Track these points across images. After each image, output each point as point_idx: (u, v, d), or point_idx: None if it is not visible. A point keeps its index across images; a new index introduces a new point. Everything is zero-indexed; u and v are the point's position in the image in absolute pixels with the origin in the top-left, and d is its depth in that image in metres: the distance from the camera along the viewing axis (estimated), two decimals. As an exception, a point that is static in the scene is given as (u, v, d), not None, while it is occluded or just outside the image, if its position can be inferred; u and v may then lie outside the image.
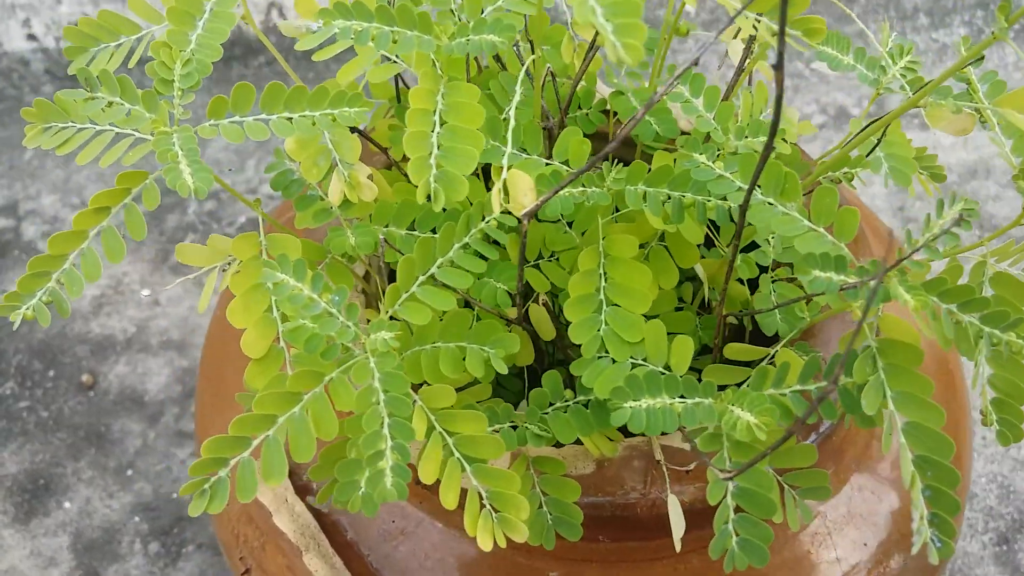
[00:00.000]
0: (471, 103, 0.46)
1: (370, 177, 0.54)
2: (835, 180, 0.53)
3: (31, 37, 1.43)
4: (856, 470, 0.64)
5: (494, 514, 0.47)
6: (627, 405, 0.46)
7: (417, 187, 0.44)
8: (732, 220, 0.49)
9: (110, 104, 0.46)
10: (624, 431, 0.59)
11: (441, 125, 0.46)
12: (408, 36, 0.47)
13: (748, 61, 0.57)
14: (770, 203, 0.47)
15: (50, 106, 0.52)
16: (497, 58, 0.61)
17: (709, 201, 0.50)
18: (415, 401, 0.48)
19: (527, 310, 0.58)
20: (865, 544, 0.63)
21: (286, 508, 0.61)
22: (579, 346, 0.51)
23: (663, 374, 0.46)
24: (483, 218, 0.49)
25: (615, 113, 0.60)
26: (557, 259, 0.59)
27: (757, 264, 0.59)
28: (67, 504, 1.19)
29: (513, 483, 0.47)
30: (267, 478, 0.44)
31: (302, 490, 0.64)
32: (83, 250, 0.47)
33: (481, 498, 0.48)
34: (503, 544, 0.47)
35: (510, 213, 0.46)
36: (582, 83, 0.59)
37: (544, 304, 0.55)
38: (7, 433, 1.22)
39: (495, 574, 0.60)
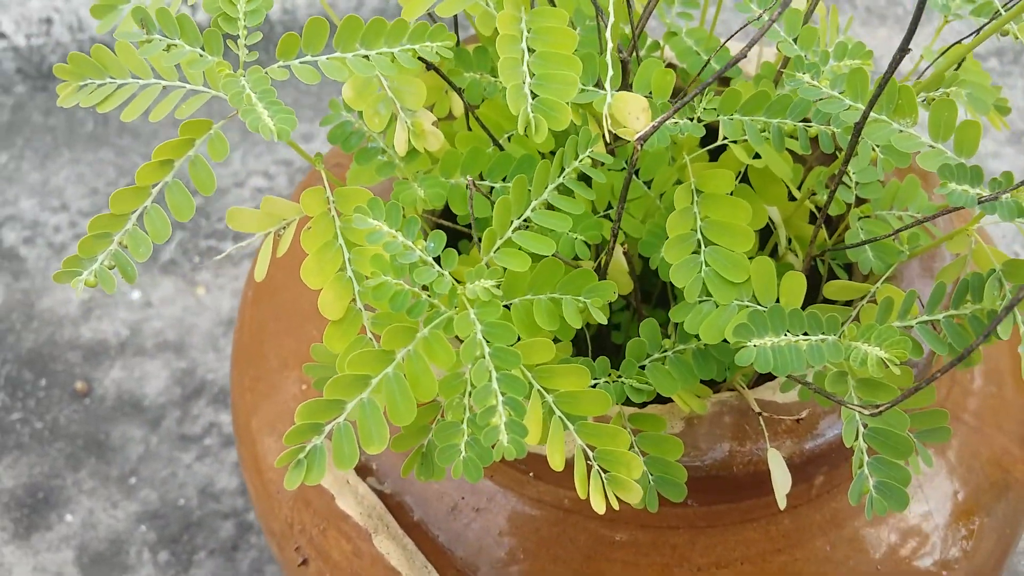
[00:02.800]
0: (561, 27, 0.42)
1: (435, 124, 0.50)
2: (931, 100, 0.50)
3: (0, 35, 1.37)
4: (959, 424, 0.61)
5: (603, 474, 0.44)
6: (751, 344, 0.42)
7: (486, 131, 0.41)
8: (837, 149, 0.46)
9: (169, 47, 0.42)
10: (710, 384, 0.55)
11: (531, 52, 0.42)
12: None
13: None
14: (884, 120, 0.44)
15: (86, 60, 0.48)
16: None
17: (811, 126, 0.47)
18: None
19: (603, 264, 0.54)
20: (956, 495, 0.60)
21: (349, 490, 0.57)
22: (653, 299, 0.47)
23: (788, 312, 0.43)
24: (576, 156, 0.45)
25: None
26: (628, 210, 0.55)
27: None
28: (69, 517, 1.14)
29: (622, 440, 0.44)
30: (366, 444, 0.40)
31: (362, 471, 0.59)
32: (147, 208, 0.42)
33: (588, 458, 0.44)
34: (616, 505, 0.43)
35: (610, 145, 0.42)
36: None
37: (625, 252, 0.51)
38: (1, 447, 1.16)
39: (576, 547, 0.56)
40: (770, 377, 0.56)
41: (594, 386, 0.47)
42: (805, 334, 0.43)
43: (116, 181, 1.40)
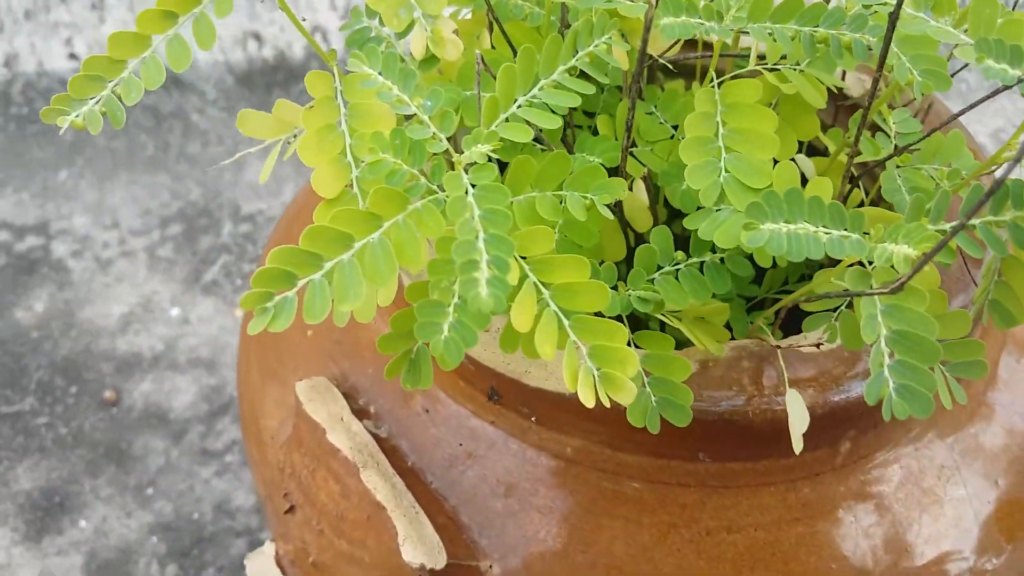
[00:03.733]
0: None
1: (456, 32, 0.49)
2: None
3: (72, 56, 1.41)
4: (984, 400, 0.56)
5: (596, 371, 0.40)
6: (765, 226, 0.39)
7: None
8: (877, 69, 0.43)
9: None
10: (730, 329, 0.52)
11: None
12: None
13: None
14: (921, 17, 0.41)
15: None
16: None
17: (844, 35, 0.44)
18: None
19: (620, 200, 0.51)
20: (998, 482, 0.54)
21: (342, 426, 0.54)
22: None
23: (808, 198, 0.40)
24: (592, 40, 0.43)
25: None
26: (652, 150, 0.53)
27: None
28: (83, 523, 1.11)
29: (618, 335, 0.40)
30: (340, 302, 0.38)
31: (359, 413, 0.56)
32: (145, 58, 0.41)
33: (581, 353, 0.41)
34: (607, 403, 0.40)
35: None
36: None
37: (645, 181, 0.49)
38: (23, 449, 1.15)
39: (577, 499, 0.52)
40: (797, 331, 0.52)
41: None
42: (826, 228, 0.40)
43: (169, 204, 1.41)
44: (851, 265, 0.42)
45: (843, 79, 0.63)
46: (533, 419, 0.53)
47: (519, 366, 0.51)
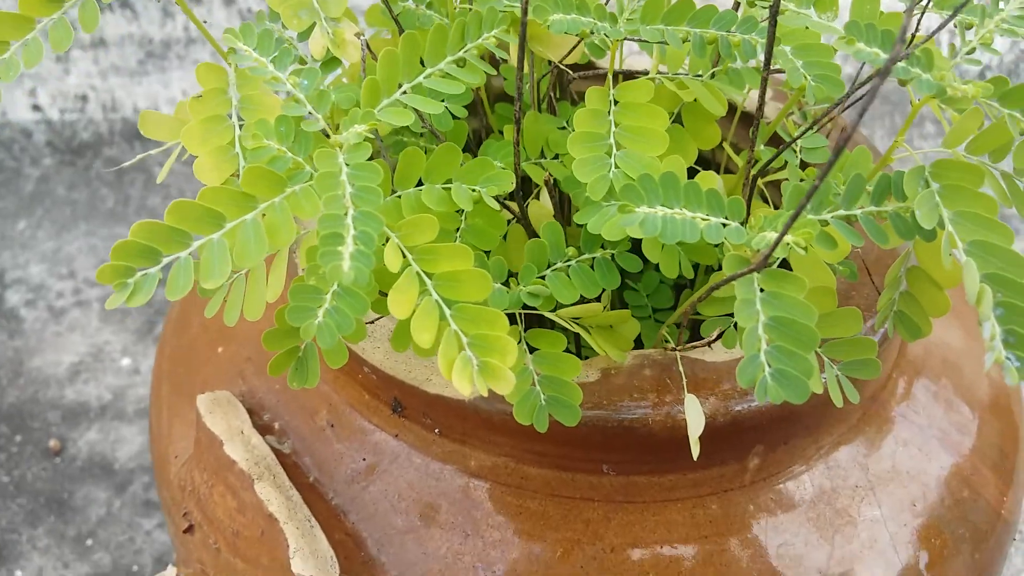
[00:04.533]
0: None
1: (358, 35, 0.49)
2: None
3: (36, 108, 1.42)
4: (901, 422, 0.55)
5: (475, 360, 0.39)
6: (640, 210, 0.38)
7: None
8: (764, 68, 0.43)
9: None
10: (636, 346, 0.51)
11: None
12: None
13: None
14: (804, 13, 0.41)
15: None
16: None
17: (734, 36, 0.44)
18: (388, 238, 0.41)
19: (526, 207, 0.51)
20: (914, 505, 0.53)
21: (241, 439, 0.53)
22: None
23: (683, 183, 0.39)
24: (481, 33, 0.43)
25: None
26: (560, 160, 0.53)
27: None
28: (18, 573, 1.08)
29: (498, 324, 0.39)
30: (204, 279, 0.37)
31: (262, 429, 0.55)
32: (27, 41, 0.41)
33: (461, 344, 0.40)
34: (484, 392, 0.39)
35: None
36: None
37: (548, 186, 0.49)
38: (-44, 492, 1.12)
39: (480, 514, 0.50)
40: (700, 339, 0.51)
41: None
42: (704, 216, 0.39)
43: (126, 254, 1.40)
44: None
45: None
46: (436, 431, 0.51)
47: (421, 373, 0.50)
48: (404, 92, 0.42)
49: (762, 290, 0.39)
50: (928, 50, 0.38)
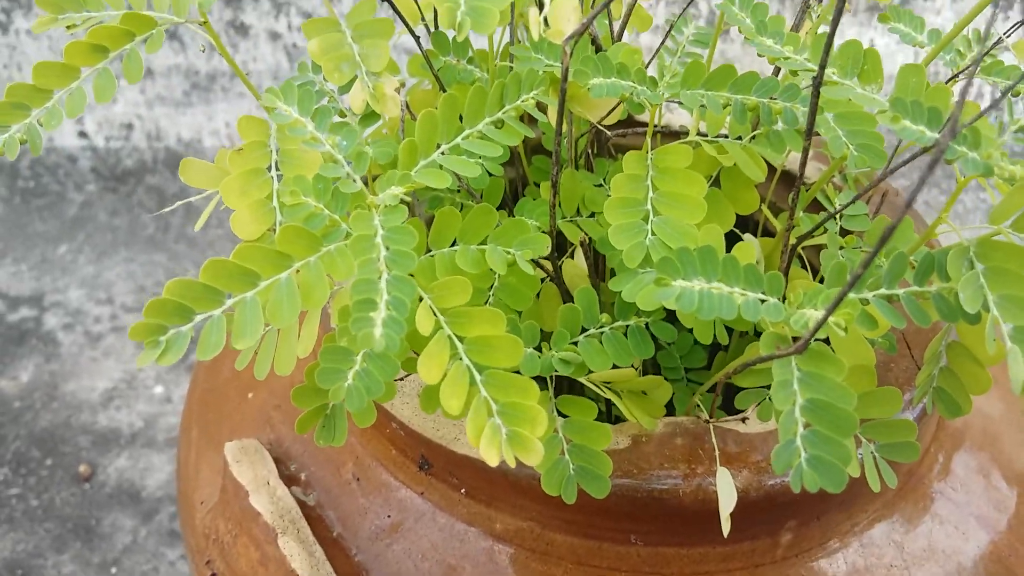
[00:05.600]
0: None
1: (397, 90, 0.49)
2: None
3: (82, 134, 1.44)
4: (939, 499, 0.54)
5: (504, 429, 0.38)
6: (676, 283, 0.38)
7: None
8: (806, 138, 0.43)
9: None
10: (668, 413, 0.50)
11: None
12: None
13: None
14: (848, 84, 0.41)
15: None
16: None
17: (776, 102, 0.44)
18: (421, 298, 0.40)
19: (560, 266, 0.51)
20: (953, 587, 0.51)
21: (267, 490, 0.52)
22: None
23: (722, 258, 0.38)
24: (519, 95, 0.43)
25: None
26: (596, 218, 0.52)
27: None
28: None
29: (530, 393, 0.39)
30: (236, 341, 0.37)
31: (288, 480, 0.55)
32: (71, 89, 0.41)
33: (491, 411, 0.39)
34: (512, 463, 0.38)
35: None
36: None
37: (584, 245, 0.48)
38: (-11, 519, 1.13)
39: (504, 578, 0.49)
40: (735, 411, 0.50)
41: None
42: (743, 290, 0.39)
43: (164, 283, 1.42)
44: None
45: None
46: (463, 491, 0.51)
47: (449, 432, 0.49)
48: (442, 153, 0.41)
49: (800, 370, 0.38)
50: (976, 128, 0.38)
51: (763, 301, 0.38)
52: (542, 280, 0.51)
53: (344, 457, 0.54)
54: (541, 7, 0.43)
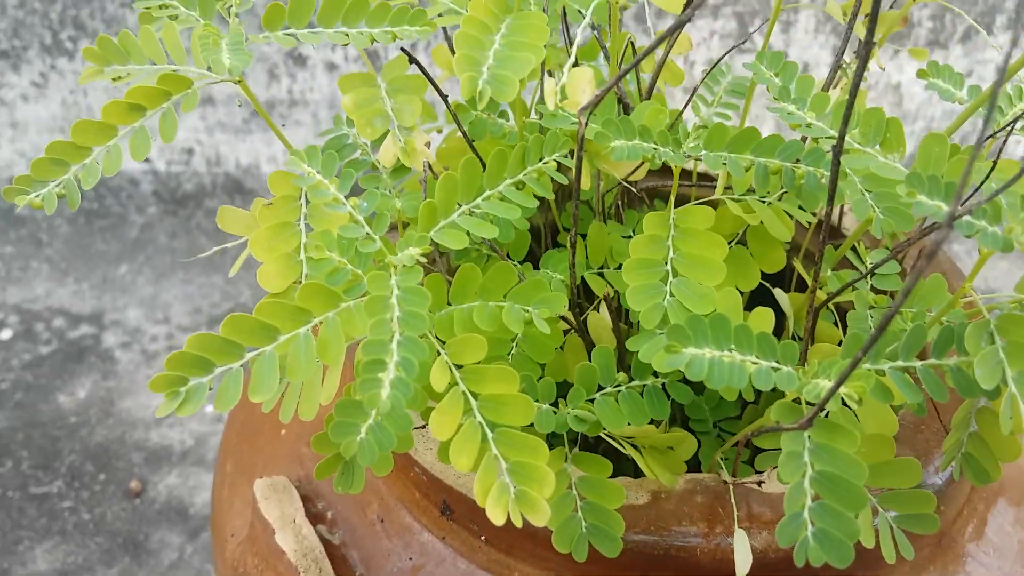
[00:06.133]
0: (538, 24, 0.42)
1: (427, 145, 0.50)
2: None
3: (145, 159, 1.48)
4: (970, 563, 0.53)
5: (512, 488, 0.39)
6: (687, 351, 0.38)
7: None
8: (828, 203, 0.43)
9: (162, 6, 0.44)
10: (691, 465, 0.50)
11: (501, 43, 0.42)
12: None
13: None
14: (869, 152, 0.41)
15: (112, 45, 0.50)
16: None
17: (799, 167, 0.44)
18: (439, 353, 0.41)
19: (584, 319, 0.51)
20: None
21: (292, 528, 0.53)
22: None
23: (735, 325, 0.39)
24: (541, 157, 0.43)
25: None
26: (622, 270, 0.52)
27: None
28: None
29: (540, 453, 0.39)
30: (253, 394, 0.38)
31: (314, 518, 0.56)
32: (109, 147, 0.43)
33: (501, 470, 0.40)
34: (518, 523, 0.38)
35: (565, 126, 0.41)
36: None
37: (608, 304, 0.48)
38: (45, 531, 1.16)
39: (520, 628, 0.50)
40: (756, 471, 0.50)
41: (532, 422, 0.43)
42: (756, 358, 0.39)
43: (219, 304, 1.45)
44: (796, 400, 0.41)
45: (840, 218, 0.62)
46: (483, 538, 0.51)
47: (470, 480, 0.50)
48: (461, 214, 0.42)
49: (811, 440, 0.38)
50: (996, 203, 0.37)
51: (776, 370, 0.38)
52: (568, 332, 0.52)
53: (369, 498, 0.55)
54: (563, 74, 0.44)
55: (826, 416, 0.37)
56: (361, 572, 0.53)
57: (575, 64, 0.44)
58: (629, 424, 0.43)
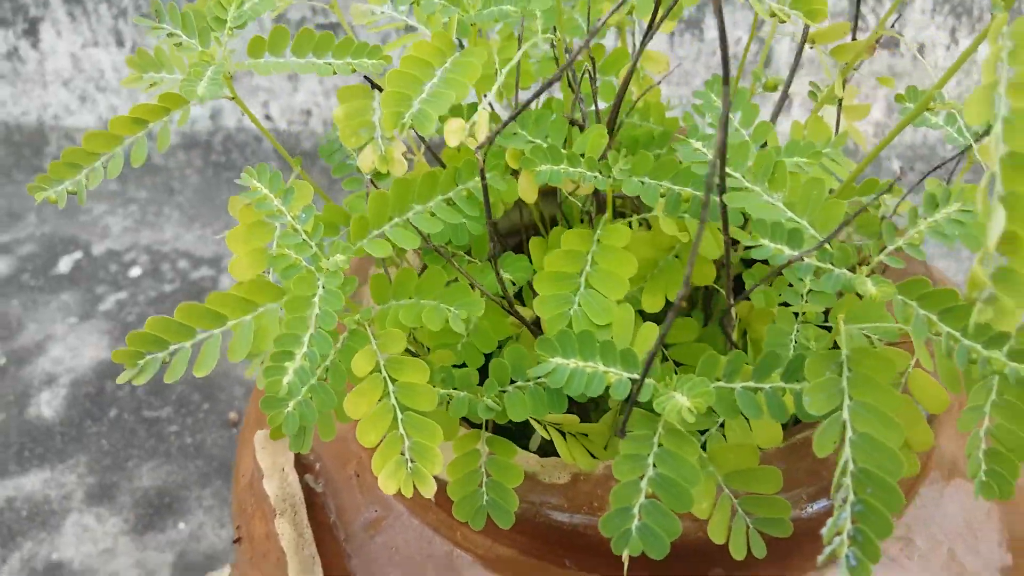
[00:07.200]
0: (474, 63, 0.48)
1: (405, 154, 0.56)
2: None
3: (268, 118, 1.60)
4: (890, 565, 0.56)
5: (410, 463, 0.46)
6: (553, 360, 0.43)
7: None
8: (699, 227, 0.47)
9: (170, 34, 0.52)
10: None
11: (439, 79, 0.48)
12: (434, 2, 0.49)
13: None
14: (756, 190, 0.44)
15: (149, 57, 0.59)
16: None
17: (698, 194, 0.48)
18: (372, 343, 0.48)
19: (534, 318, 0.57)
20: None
21: (279, 476, 0.62)
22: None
23: (600, 340, 0.44)
24: (473, 176, 0.49)
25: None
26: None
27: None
28: (182, 525, 1.24)
29: (437, 436, 0.46)
30: (197, 369, 0.46)
31: (302, 467, 0.64)
32: (114, 154, 0.51)
33: (404, 447, 0.46)
34: (408, 493, 0.45)
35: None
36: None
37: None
38: (152, 451, 1.31)
39: (457, 584, 0.57)
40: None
41: (449, 400, 0.50)
42: (619, 369, 0.44)
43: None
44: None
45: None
46: (432, 499, 0.58)
47: (422, 450, 0.57)
48: (393, 225, 0.49)
49: (660, 447, 0.43)
50: (846, 248, 0.41)
51: (635, 381, 0.43)
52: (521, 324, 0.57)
53: (350, 456, 0.63)
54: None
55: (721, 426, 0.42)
56: (335, 518, 0.61)
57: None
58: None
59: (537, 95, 0.44)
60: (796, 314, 0.55)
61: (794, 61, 0.52)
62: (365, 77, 0.55)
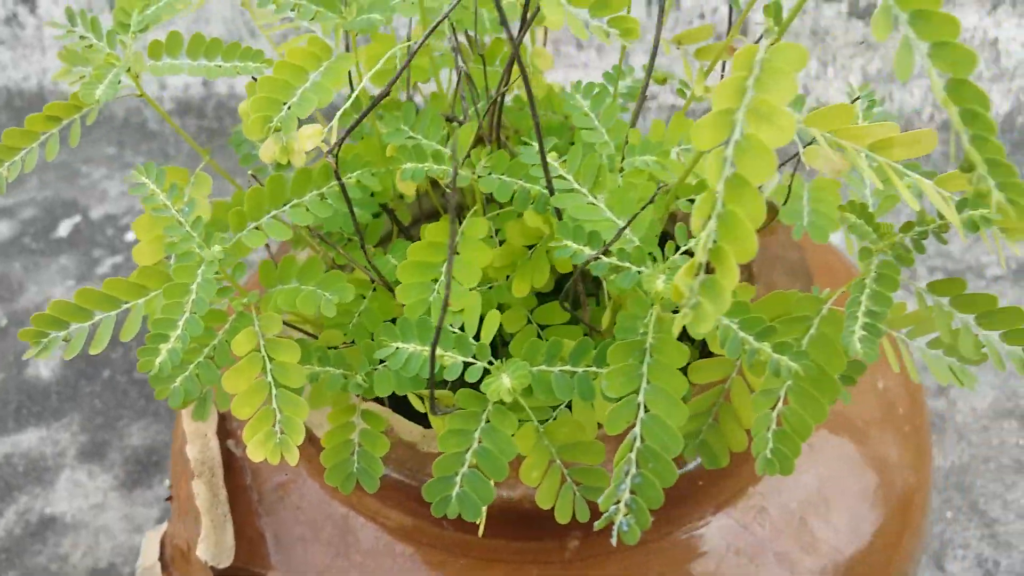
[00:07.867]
0: (342, 68, 0.53)
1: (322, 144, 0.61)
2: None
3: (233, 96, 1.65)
4: (740, 532, 0.61)
5: (279, 435, 0.51)
6: (393, 345, 0.49)
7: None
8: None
9: (82, 37, 0.57)
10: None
11: (312, 83, 0.53)
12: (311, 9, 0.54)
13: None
14: (581, 192, 0.49)
15: (76, 53, 0.64)
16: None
17: (534, 189, 0.53)
18: (254, 324, 0.54)
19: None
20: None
21: (201, 441, 0.68)
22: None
23: (432, 325, 0.49)
24: (347, 174, 0.55)
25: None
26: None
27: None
28: (168, 482, 1.32)
29: (303, 411, 0.51)
30: (92, 347, 0.52)
31: (224, 433, 0.70)
32: (31, 148, 0.57)
33: (275, 420, 0.52)
34: (275, 461, 0.51)
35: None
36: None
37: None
38: (143, 411, 1.38)
39: (349, 540, 0.63)
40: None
41: (321, 372, 0.55)
42: (453, 355, 0.49)
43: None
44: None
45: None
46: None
47: (315, 419, 0.63)
48: (270, 218, 0.54)
49: (487, 423, 0.48)
50: (641, 249, 0.45)
51: (470, 364, 0.49)
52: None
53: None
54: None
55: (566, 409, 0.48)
56: (249, 481, 0.68)
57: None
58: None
59: (379, 100, 0.49)
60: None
61: (649, 62, 0.56)
62: (253, 78, 0.60)
